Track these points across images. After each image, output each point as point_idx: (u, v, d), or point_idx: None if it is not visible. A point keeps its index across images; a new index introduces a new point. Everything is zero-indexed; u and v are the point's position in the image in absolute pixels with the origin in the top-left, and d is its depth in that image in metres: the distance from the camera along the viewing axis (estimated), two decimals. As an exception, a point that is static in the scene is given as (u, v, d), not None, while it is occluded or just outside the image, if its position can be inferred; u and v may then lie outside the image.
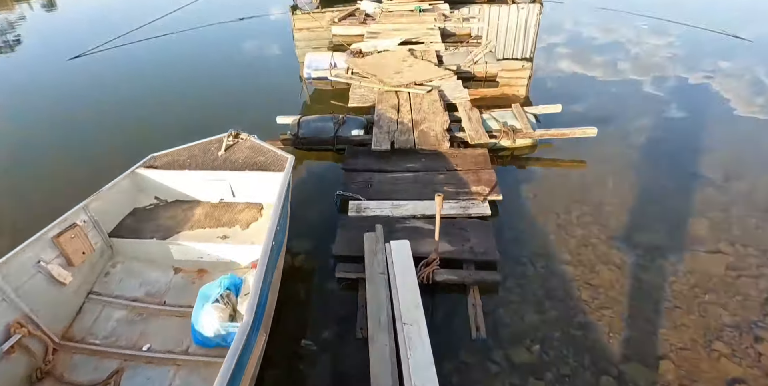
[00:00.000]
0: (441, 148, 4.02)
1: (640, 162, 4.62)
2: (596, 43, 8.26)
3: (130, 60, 7.53)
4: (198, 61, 7.46)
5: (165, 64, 7.30)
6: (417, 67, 5.64)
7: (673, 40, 8.44)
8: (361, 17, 7.95)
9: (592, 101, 5.99)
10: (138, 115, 5.52)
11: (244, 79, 6.63)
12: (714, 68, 7.10)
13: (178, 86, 6.37)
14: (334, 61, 6.02)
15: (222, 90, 6.23)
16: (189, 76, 6.77)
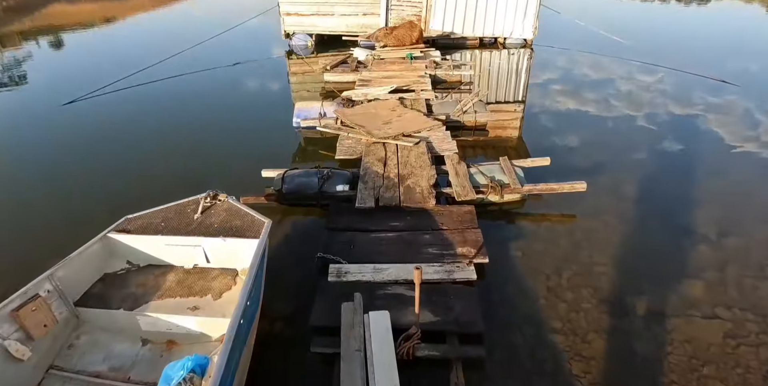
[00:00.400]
0: (427, 205, 3.94)
1: (631, 216, 4.53)
2: (587, 87, 8.38)
3: (123, 107, 7.59)
4: (189, 107, 7.52)
5: (156, 111, 7.35)
6: (406, 117, 5.66)
7: (661, 85, 8.58)
8: (354, 64, 8.11)
9: (583, 147, 5.99)
10: (123, 167, 5.47)
11: (236, 126, 6.65)
12: (703, 113, 7.18)
13: (167, 135, 6.37)
14: (323, 110, 6.05)
15: (212, 138, 6.22)
16: (179, 123, 6.79)
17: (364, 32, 11.00)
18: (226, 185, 4.89)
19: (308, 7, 11.07)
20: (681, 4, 25.88)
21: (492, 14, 10.83)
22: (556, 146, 6.07)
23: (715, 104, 7.63)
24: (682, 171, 5.44)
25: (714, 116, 7.06)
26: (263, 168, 4.86)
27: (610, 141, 6.25)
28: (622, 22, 16.16)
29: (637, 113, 7.16)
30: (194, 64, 9.96)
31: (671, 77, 9.02)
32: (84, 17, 21.65)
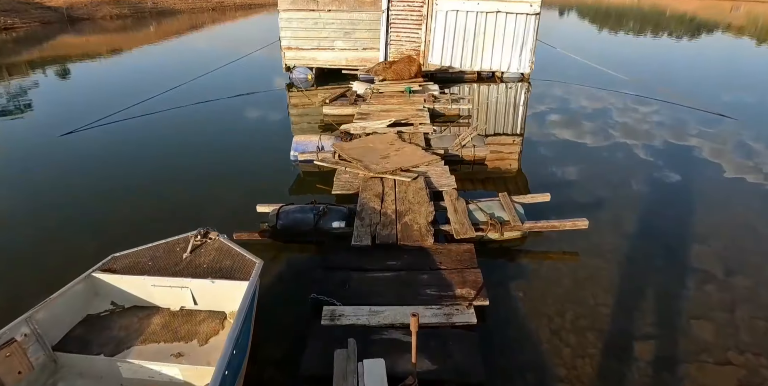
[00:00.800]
0: (425, 243, 3.83)
1: (635, 254, 4.42)
2: (584, 119, 8.44)
3: (120, 138, 7.60)
4: (187, 139, 7.53)
5: (153, 143, 7.35)
6: (404, 151, 5.64)
7: (658, 118, 8.64)
8: (352, 98, 8.19)
9: (582, 180, 5.94)
10: (116, 200, 5.39)
11: (234, 158, 6.62)
12: (702, 147, 7.18)
13: (163, 167, 6.33)
14: (321, 144, 6.05)
15: (209, 171, 6.18)
16: (176, 155, 6.77)
17: (364, 66, 11.21)
18: (220, 219, 4.86)
19: (309, 42, 11.34)
20: (672, 38, 26.70)
21: (489, 49, 11.08)
22: (556, 178, 6.03)
23: (713, 137, 7.65)
24: (685, 206, 5.36)
25: (713, 150, 7.06)
26: (259, 202, 4.79)
27: (609, 175, 6.21)
28: (616, 56, 16.59)
29: (635, 146, 7.17)
30: (195, 95, 10.09)
31: (667, 110, 9.12)
32: (91, 48, 22.21)
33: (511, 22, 10.77)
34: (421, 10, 10.85)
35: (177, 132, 7.89)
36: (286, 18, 11.10)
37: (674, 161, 6.71)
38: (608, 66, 12.20)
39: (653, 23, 38.30)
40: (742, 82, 12.38)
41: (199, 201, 5.33)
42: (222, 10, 57.00)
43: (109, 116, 8.52)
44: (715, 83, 12.28)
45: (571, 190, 5.61)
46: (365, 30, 11.11)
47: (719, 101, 10.00)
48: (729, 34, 28.22)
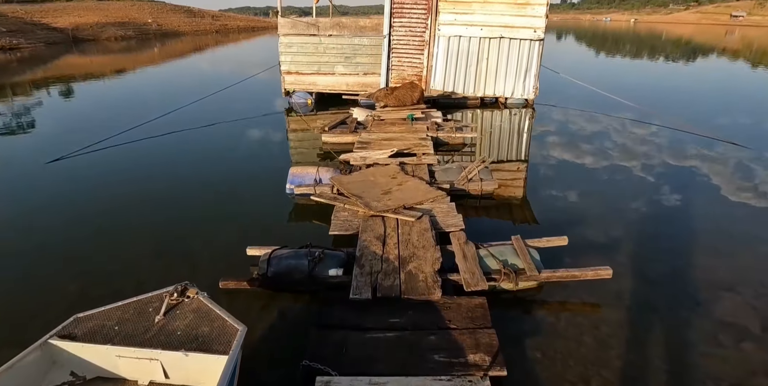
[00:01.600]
0: (432, 297, 3.42)
1: (662, 306, 4.00)
2: (591, 147, 8.13)
3: (108, 167, 7.26)
4: (178, 168, 7.18)
5: (141, 172, 6.99)
6: (407, 185, 5.28)
7: (668, 146, 8.32)
8: (353, 125, 7.90)
9: (593, 214, 5.55)
10: (93, 241, 4.99)
11: (226, 190, 6.26)
12: (721, 177, 6.82)
13: (148, 200, 5.95)
14: (319, 176, 5.70)
15: (198, 204, 5.81)
16: (163, 186, 6.40)
17: (365, 91, 11.01)
18: (209, 261, 4.46)
19: (309, 67, 11.17)
20: (672, 62, 26.85)
21: (493, 75, 10.89)
22: (568, 213, 5.66)
23: (731, 168, 7.31)
24: (710, 246, 4.97)
25: (734, 183, 6.69)
26: (250, 243, 4.42)
27: (626, 209, 5.84)
28: (618, 80, 16.48)
29: (649, 177, 6.83)
30: (192, 120, 9.83)
31: (676, 137, 8.82)
32: (92, 69, 22.26)
33: (514, 47, 10.61)
34: (423, 35, 10.71)
35: (168, 160, 7.55)
36: (286, 42, 10.95)
37: (695, 194, 6.34)
38: (612, 91, 12.01)
39: (650, 47, 38.78)
40: (746, 107, 12.16)
41: (188, 239, 4.94)
42: (225, 32, 58.08)
43: (100, 141, 8.21)
44: (720, 109, 12.07)
45: (586, 227, 5.23)
46: (366, 55, 10.96)
47: (727, 127, 9.74)
48: (726, 58, 28.40)
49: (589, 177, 6.91)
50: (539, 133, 9.31)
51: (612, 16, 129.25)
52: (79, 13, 46.63)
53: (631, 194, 6.30)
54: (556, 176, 6.94)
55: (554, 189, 6.44)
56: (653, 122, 9.82)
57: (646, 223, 5.44)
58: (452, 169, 5.83)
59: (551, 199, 6.10)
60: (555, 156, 7.83)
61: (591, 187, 6.55)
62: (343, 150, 7.47)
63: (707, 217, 5.66)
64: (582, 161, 7.58)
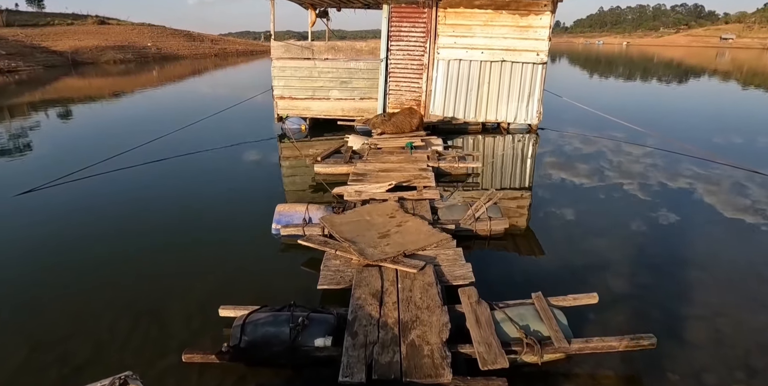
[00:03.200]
0: (440, 379, 2.77)
1: (713, 378, 3.34)
2: (601, 175, 7.58)
3: (82, 200, 6.66)
4: (156, 203, 6.56)
5: (115, 208, 6.35)
6: (407, 227, 4.68)
7: (687, 174, 7.78)
8: (348, 155, 7.34)
9: (621, 261, 4.92)
10: (46, 293, 4.35)
11: (205, 229, 5.64)
12: (749, 212, 6.23)
13: (121, 241, 5.32)
14: (308, 215, 5.10)
15: (175, 247, 5.18)
16: (139, 226, 5.76)
17: (361, 116, 10.54)
18: (177, 321, 3.80)
19: (303, 92, 10.73)
20: (668, 83, 26.79)
21: (495, 99, 10.46)
22: (584, 252, 5.06)
23: (758, 200, 6.73)
24: (759, 298, 4.33)
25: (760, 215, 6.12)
26: (228, 296, 3.85)
27: (655, 252, 5.20)
28: (619, 103, 16.11)
29: (674, 211, 6.23)
30: (178, 147, 9.30)
31: (696, 166, 8.28)
32: (88, 92, 21.97)
33: (517, 71, 10.22)
34: (421, 59, 10.32)
35: (145, 193, 6.94)
36: (279, 66, 10.54)
37: (742, 235, 5.65)
38: (617, 115, 11.57)
39: (643, 69, 39.06)
40: (756, 130, 11.71)
41: (157, 291, 4.29)
42: (224, 56, 58.53)
43: (77, 171, 7.63)
44: (727, 132, 11.62)
45: (612, 274, 4.60)
46: (363, 79, 10.54)
47: (742, 153, 9.24)
48: (719, 79, 28.38)
49: (608, 212, 6.31)
50: (545, 160, 8.77)
51: (604, 40, 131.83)
52: (80, 37, 47.07)
53: (661, 233, 5.67)
54: (571, 210, 6.35)
55: (569, 226, 5.83)
56: (667, 149, 9.32)
57: (684, 270, 4.80)
58: (457, 206, 5.24)
59: (568, 238, 5.48)
60: (566, 187, 7.26)
61: (612, 224, 5.95)
62: (337, 182, 6.90)
63: (755, 260, 5.02)
64: (597, 193, 7.00)
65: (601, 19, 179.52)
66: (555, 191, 7.07)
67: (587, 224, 5.83)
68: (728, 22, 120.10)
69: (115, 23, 57.26)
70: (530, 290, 3.64)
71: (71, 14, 56.97)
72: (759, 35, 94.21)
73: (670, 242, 5.40)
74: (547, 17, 9.77)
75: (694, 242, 5.45)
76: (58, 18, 53.23)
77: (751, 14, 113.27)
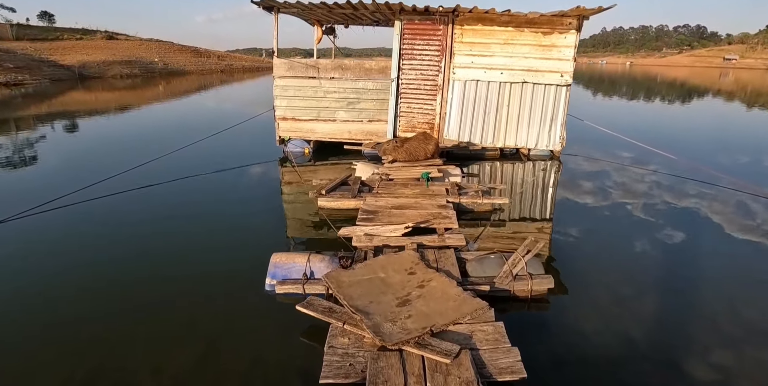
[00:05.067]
0: None
1: None
2: (629, 207, 6.67)
3: (56, 235, 5.82)
4: (133, 240, 5.66)
5: (87, 250, 5.46)
6: (431, 288, 3.78)
7: (733, 211, 6.86)
8: (355, 188, 6.47)
9: (636, 294, 4.00)
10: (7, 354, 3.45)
11: (186, 281, 4.74)
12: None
13: (84, 295, 4.42)
14: (309, 268, 4.21)
15: (143, 309, 4.26)
16: (109, 268, 4.89)
17: (369, 140, 9.75)
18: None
19: (307, 112, 9.96)
20: (665, 103, 26.13)
21: (514, 123, 9.66)
22: (595, 282, 4.20)
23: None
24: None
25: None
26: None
27: (680, 288, 4.28)
28: (641, 126, 15.26)
29: (699, 251, 5.31)
30: (169, 170, 8.51)
31: (719, 195, 7.37)
32: (91, 106, 21.46)
33: (539, 93, 9.44)
34: (436, 79, 9.57)
35: (122, 229, 6.03)
36: (281, 85, 9.79)
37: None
38: (641, 139, 10.70)
39: (647, 89, 38.61)
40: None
41: (117, 371, 3.38)
42: (230, 72, 58.57)
43: (56, 199, 6.79)
44: (751, 157, 10.76)
45: (678, 344, 3.67)
46: (372, 100, 9.77)
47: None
48: (719, 99, 27.64)
49: (670, 259, 5.39)
50: (577, 193, 7.88)
51: (608, 59, 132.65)
52: (87, 52, 47.26)
53: (748, 292, 4.73)
54: (623, 257, 5.43)
55: (581, 250, 4.93)
56: (702, 180, 8.43)
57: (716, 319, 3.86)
58: (489, 259, 4.33)
59: (575, 257, 4.56)
60: (611, 229, 6.34)
61: (626, 253, 5.03)
62: (344, 218, 6.05)
63: None
64: (649, 234, 6.08)
65: (604, 39, 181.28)
66: (599, 233, 6.12)
67: (645, 275, 4.90)
68: (731, 43, 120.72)
69: (124, 38, 57.63)
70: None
71: (81, 29, 57.46)
72: (762, 56, 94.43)
73: (727, 289, 4.46)
74: (573, 36, 9.04)
75: (702, 271, 4.52)
76: (67, 32, 53.63)
77: (753, 35, 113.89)
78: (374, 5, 8.73)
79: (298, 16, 10.60)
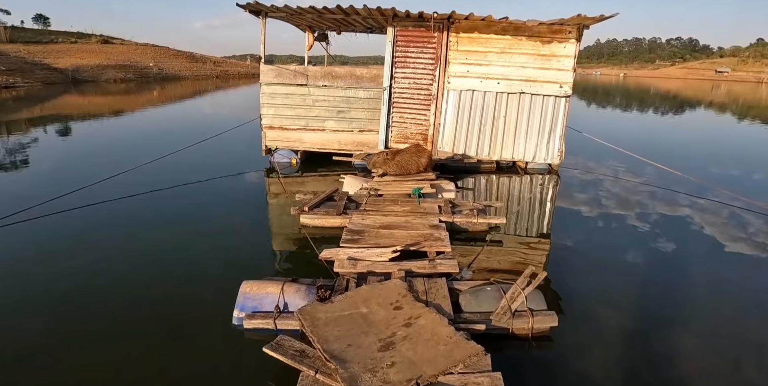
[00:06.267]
0: None
1: None
2: (633, 225, 6.26)
3: (16, 253, 5.28)
4: (92, 260, 5.14)
5: (37, 279, 4.94)
6: (419, 328, 3.30)
7: (750, 233, 6.46)
8: (342, 204, 6.01)
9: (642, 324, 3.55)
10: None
11: (147, 310, 4.24)
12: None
13: (29, 335, 3.91)
14: (283, 299, 3.73)
15: (94, 344, 3.76)
16: (62, 293, 4.37)
17: (360, 151, 9.31)
18: None
19: (295, 121, 9.52)
20: (658, 114, 26.01)
21: (511, 135, 9.26)
22: (604, 315, 3.76)
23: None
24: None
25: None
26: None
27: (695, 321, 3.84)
28: (640, 139, 14.95)
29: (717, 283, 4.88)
30: (150, 180, 8.05)
31: (735, 216, 6.98)
32: (78, 111, 20.96)
33: (537, 105, 9.06)
34: (430, 88, 9.18)
35: (80, 248, 5.52)
36: (269, 93, 9.36)
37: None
38: (642, 153, 10.35)
39: (641, 100, 38.72)
40: None
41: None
42: (226, 77, 58.16)
43: (15, 213, 6.27)
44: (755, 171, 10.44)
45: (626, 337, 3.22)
46: (363, 109, 9.36)
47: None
48: (711, 111, 27.57)
49: (629, 264, 4.95)
50: (580, 210, 7.46)
51: (601, 71, 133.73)
52: (82, 55, 46.82)
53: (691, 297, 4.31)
54: (583, 253, 4.99)
55: (581, 269, 4.48)
56: (716, 199, 8.05)
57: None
58: (485, 291, 3.87)
59: (575, 278, 4.11)
60: (585, 233, 5.92)
61: (630, 279, 4.59)
62: (329, 236, 5.58)
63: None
64: (617, 240, 5.65)
65: (598, 50, 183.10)
66: (605, 257, 5.63)
67: (662, 306, 4.45)
68: (723, 56, 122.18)
69: (119, 43, 57.20)
70: None
71: (76, 33, 57.01)
72: (753, 69, 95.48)
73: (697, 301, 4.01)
74: (572, 45, 8.69)
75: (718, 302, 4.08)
76: (62, 36, 53.13)
77: (745, 49, 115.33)
78: (366, 11, 8.35)
79: (288, 21, 10.21)
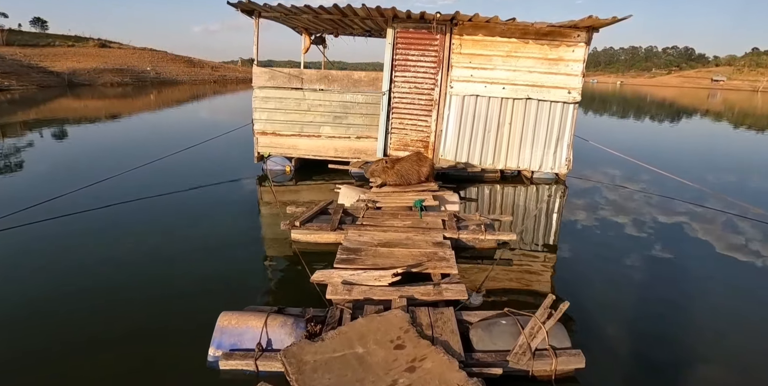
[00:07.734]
0: None
1: None
2: (643, 238, 5.77)
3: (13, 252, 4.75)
4: (58, 279, 4.61)
5: (43, 265, 4.41)
6: (425, 373, 2.79)
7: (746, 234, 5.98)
8: (336, 218, 5.49)
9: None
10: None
11: (121, 332, 3.71)
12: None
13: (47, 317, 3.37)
14: (267, 334, 3.21)
15: (54, 368, 3.23)
16: (63, 296, 3.84)
17: (357, 158, 8.83)
18: None
19: (289, 127, 9.03)
20: (655, 122, 25.69)
21: (517, 143, 8.80)
22: (633, 349, 3.21)
23: None
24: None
25: None
26: None
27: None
28: (645, 146, 14.52)
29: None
30: (135, 187, 7.56)
31: (757, 231, 6.51)
32: (80, 113, 20.52)
33: (544, 111, 8.61)
34: (431, 93, 8.72)
35: (54, 265, 5.01)
36: (261, 97, 8.88)
37: None
38: (651, 162, 9.89)
39: (638, 108, 38.57)
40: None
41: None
42: (223, 82, 57.77)
43: (6, 215, 5.78)
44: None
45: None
46: (361, 115, 8.89)
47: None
48: (707, 119, 27.28)
49: (640, 279, 4.45)
50: (588, 221, 6.97)
51: (598, 78, 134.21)
52: (79, 59, 46.51)
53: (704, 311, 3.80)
54: (593, 270, 4.49)
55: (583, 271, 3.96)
56: (734, 212, 7.59)
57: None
58: (499, 325, 3.36)
59: (584, 295, 3.61)
60: (593, 247, 5.43)
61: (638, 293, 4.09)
62: (322, 254, 5.08)
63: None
64: (684, 278, 5.16)
65: (595, 58, 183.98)
66: (628, 277, 5.13)
67: (693, 335, 3.94)
68: (718, 64, 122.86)
69: (117, 47, 56.86)
70: None
71: (73, 36, 56.68)
72: (749, 78, 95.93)
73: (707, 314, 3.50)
74: (581, 49, 8.26)
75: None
76: (60, 39, 52.78)
77: (740, 58, 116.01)
78: (365, 11, 7.91)
79: (283, 22, 9.76)
